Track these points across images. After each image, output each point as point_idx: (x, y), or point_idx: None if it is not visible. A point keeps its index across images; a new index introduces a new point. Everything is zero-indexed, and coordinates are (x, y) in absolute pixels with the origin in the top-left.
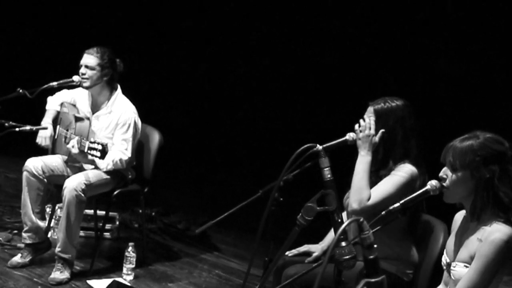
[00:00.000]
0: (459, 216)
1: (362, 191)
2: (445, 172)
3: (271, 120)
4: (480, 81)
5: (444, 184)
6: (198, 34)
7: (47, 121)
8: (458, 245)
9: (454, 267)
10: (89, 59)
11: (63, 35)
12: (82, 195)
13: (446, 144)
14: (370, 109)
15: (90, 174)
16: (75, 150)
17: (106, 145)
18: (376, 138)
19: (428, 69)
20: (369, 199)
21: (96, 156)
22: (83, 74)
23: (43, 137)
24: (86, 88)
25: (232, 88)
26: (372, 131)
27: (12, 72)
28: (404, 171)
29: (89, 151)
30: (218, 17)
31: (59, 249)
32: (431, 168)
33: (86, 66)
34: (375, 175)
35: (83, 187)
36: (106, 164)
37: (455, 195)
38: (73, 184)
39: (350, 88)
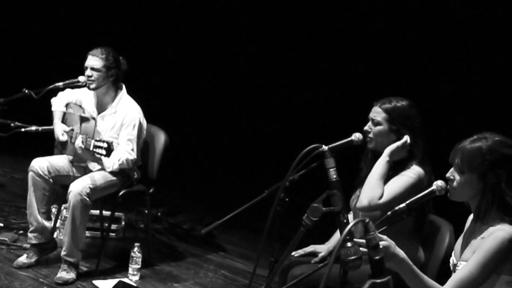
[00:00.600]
0: (471, 218)
1: (376, 189)
2: (452, 173)
3: (277, 120)
4: (484, 80)
5: (452, 184)
6: (203, 34)
7: (56, 122)
8: (464, 245)
9: (459, 266)
10: (94, 61)
11: (68, 35)
12: (87, 199)
13: (448, 142)
14: (377, 109)
15: (95, 177)
16: (79, 150)
17: (112, 143)
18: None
19: (432, 68)
20: (380, 198)
21: (101, 154)
22: (89, 76)
23: (59, 134)
24: (93, 89)
25: (237, 88)
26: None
27: (18, 73)
28: (412, 172)
29: (94, 149)
30: (223, 17)
31: (64, 252)
32: (435, 168)
33: (92, 68)
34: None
35: (88, 191)
36: (112, 163)
37: (461, 195)
38: (78, 188)
39: (355, 88)
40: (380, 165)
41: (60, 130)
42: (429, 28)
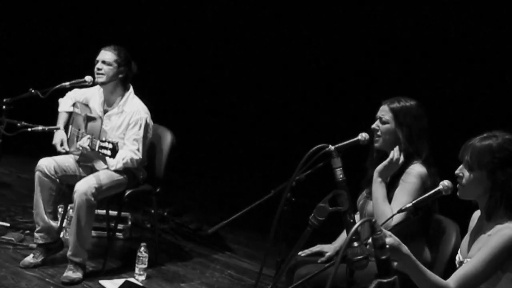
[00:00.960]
0: (476, 215)
1: (385, 214)
2: (461, 170)
3: (283, 120)
4: (490, 80)
5: (460, 182)
6: (209, 34)
7: (60, 126)
8: (471, 243)
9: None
10: (107, 55)
11: (75, 35)
12: (92, 199)
13: (453, 143)
14: (385, 108)
15: (101, 177)
16: (84, 150)
17: (117, 143)
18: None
19: (438, 68)
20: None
21: (106, 155)
22: (99, 69)
23: (57, 142)
24: (101, 84)
25: (244, 88)
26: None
27: (24, 72)
28: (413, 175)
29: (100, 150)
30: (228, 17)
31: (70, 252)
32: (439, 168)
33: (103, 62)
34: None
35: (93, 191)
36: (116, 162)
37: (470, 193)
38: (83, 188)
39: (362, 88)
40: (377, 190)
41: (59, 140)
42: (435, 27)
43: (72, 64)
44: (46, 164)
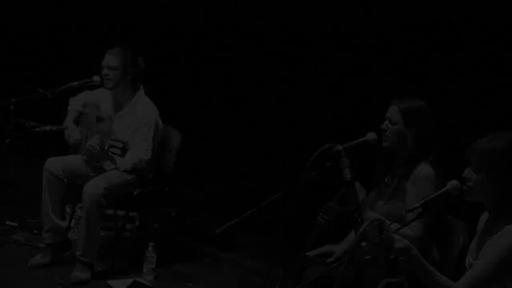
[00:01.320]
0: (485, 217)
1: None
2: (468, 172)
3: (292, 119)
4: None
5: (468, 184)
6: (215, 33)
7: (68, 120)
8: (480, 245)
9: None
10: (112, 59)
11: (83, 34)
12: (102, 199)
13: (458, 145)
14: (394, 108)
15: (110, 177)
16: (94, 150)
17: (127, 143)
18: None
19: (443, 68)
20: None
21: (116, 154)
22: (106, 75)
23: (68, 134)
24: (110, 89)
25: (252, 87)
26: None
27: (32, 72)
28: (423, 178)
29: (109, 149)
30: (235, 16)
31: (79, 252)
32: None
33: (109, 67)
34: (395, 174)
35: (102, 191)
36: (125, 162)
37: (477, 195)
38: (92, 189)
39: (370, 88)
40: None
41: (73, 132)
42: (441, 27)
43: (80, 64)
44: (54, 164)
